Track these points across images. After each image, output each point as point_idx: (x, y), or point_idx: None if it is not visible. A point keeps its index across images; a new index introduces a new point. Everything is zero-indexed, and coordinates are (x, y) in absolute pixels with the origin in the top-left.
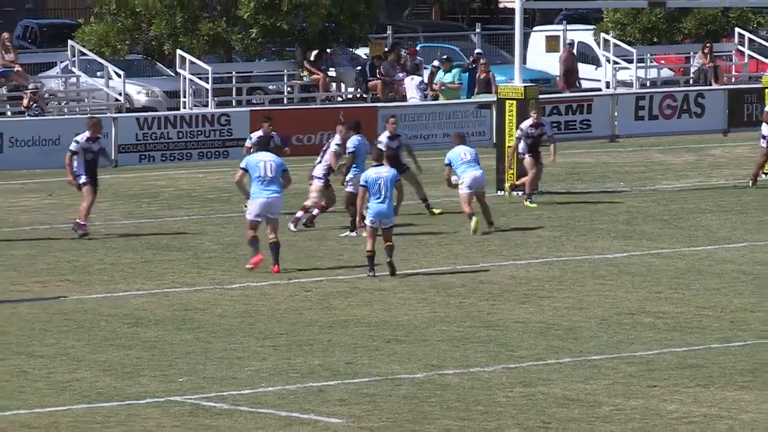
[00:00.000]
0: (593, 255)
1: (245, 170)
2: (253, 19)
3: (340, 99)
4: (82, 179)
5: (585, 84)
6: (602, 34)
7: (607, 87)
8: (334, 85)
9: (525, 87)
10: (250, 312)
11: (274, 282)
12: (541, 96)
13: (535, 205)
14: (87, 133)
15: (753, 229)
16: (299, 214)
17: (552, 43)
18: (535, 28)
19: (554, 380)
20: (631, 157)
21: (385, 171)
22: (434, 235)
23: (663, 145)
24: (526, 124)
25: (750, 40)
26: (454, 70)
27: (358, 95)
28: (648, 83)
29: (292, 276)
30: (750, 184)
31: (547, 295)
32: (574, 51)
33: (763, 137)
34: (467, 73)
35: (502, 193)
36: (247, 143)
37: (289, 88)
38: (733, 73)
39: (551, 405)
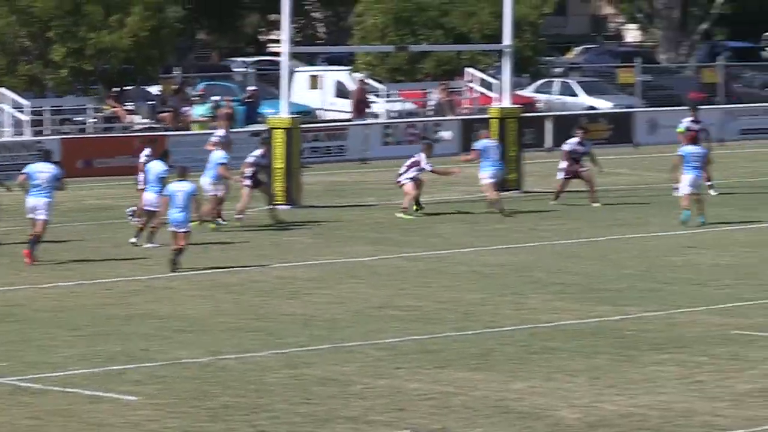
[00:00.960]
0: (349, 258)
1: (27, 175)
2: (64, 62)
3: (136, 129)
4: None
5: (341, 116)
6: (355, 74)
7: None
8: (130, 116)
9: (291, 118)
10: (61, 307)
11: (80, 282)
12: (303, 126)
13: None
14: None
15: (483, 237)
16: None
17: (314, 81)
18: (299, 69)
19: (315, 363)
20: (380, 176)
21: (186, 186)
22: (218, 243)
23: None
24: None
25: (480, 78)
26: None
27: (151, 125)
28: (394, 114)
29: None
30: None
31: (310, 292)
32: (362, 87)
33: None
34: (244, 107)
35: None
36: (142, 159)
37: (93, 120)
38: (465, 105)
39: (313, 384)
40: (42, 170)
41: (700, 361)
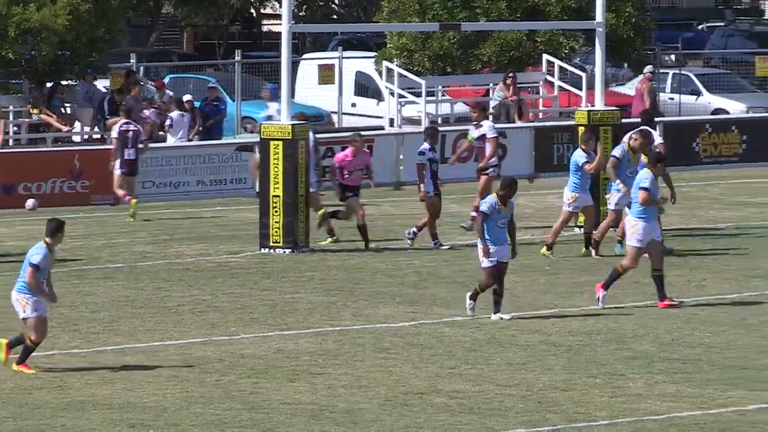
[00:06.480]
0: (375, 324)
1: None
2: None
3: (76, 140)
4: None
5: (364, 122)
6: (385, 63)
7: (391, 125)
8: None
9: (292, 125)
10: None
11: None
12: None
13: None
14: None
15: (565, 293)
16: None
17: (326, 73)
18: (305, 56)
19: None
20: (418, 207)
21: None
22: (187, 300)
23: (457, 193)
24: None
25: (561, 68)
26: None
27: (96, 135)
28: (439, 120)
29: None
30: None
31: (321, 371)
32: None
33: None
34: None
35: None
36: None
37: (15, 128)
38: (541, 107)
39: None
40: None
41: None
